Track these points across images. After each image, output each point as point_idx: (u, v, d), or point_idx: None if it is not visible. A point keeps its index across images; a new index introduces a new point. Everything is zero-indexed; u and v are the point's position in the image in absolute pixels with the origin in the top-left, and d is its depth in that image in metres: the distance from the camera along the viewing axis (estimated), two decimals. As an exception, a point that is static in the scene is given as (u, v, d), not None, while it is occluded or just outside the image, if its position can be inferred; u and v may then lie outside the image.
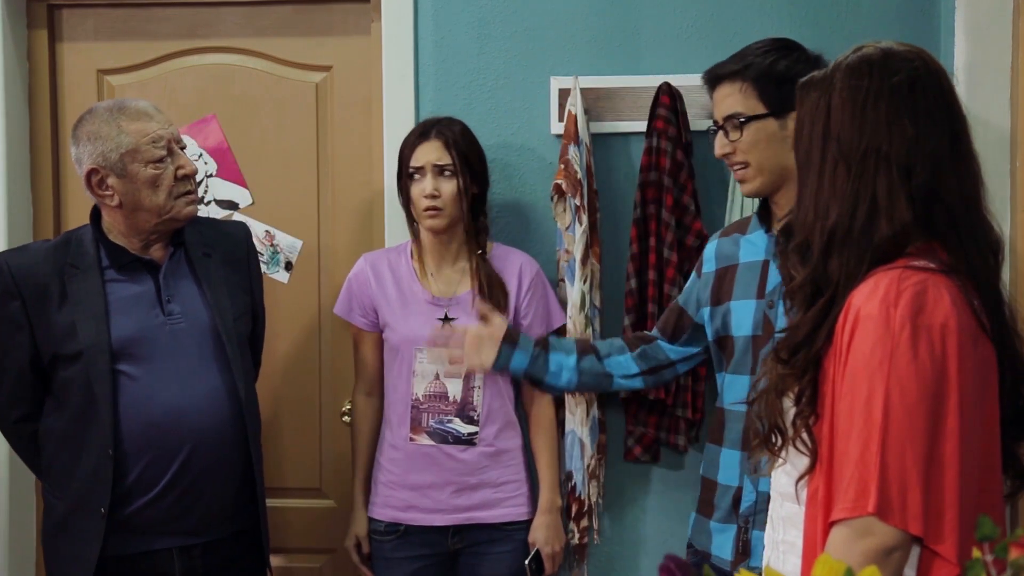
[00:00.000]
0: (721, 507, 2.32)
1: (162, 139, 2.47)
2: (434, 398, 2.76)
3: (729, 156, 2.31)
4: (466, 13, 3.01)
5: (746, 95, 2.28)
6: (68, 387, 2.46)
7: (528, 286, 2.79)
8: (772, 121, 2.27)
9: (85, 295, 2.45)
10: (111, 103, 2.52)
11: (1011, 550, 1.03)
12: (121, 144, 2.44)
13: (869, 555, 1.46)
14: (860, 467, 1.49)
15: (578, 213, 2.82)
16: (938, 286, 1.53)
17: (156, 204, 2.47)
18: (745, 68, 2.29)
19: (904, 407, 1.48)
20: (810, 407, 1.59)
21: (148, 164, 2.45)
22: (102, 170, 2.46)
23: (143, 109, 2.49)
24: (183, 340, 2.49)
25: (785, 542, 1.71)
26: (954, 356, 1.50)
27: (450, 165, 2.73)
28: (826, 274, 1.60)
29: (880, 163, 1.58)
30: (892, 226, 1.56)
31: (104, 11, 3.20)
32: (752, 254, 2.34)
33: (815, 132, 1.63)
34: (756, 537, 2.24)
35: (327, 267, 3.18)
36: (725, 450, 2.33)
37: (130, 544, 2.46)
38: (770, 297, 2.27)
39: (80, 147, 2.49)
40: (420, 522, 2.76)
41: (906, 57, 1.63)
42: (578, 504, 2.86)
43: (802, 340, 1.60)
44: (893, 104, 1.59)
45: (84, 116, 2.52)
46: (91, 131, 2.47)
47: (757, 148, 2.27)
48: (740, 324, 2.32)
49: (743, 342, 2.31)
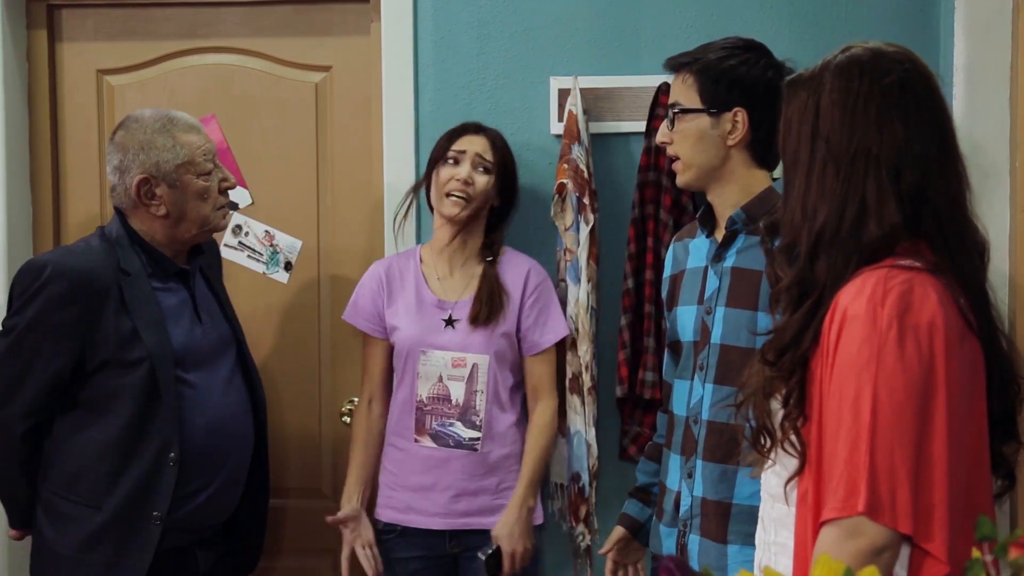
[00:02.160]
0: (667, 510, 2.33)
1: (209, 152, 2.54)
2: (437, 400, 2.75)
3: (667, 146, 2.33)
4: (466, 13, 3.01)
5: (688, 87, 2.29)
6: (118, 395, 2.44)
7: (532, 292, 2.78)
8: (705, 118, 2.26)
9: (142, 302, 2.47)
10: (157, 113, 2.53)
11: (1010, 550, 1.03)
12: (178, 156, 2.48)
13: (859, 555, 1.46)
14: (849, 467, 1.48)
15: (584, 212, 2.82)
16: (924, 285, 1.53)
17: (202, 215, 2.52)
18: (694, 61, 2.29)
19: (892, 406, 1.48)
20: (798, 409, 1.59)
21: (200, 176, 2.51)
22: (153, 180, 2.48)
23: (192, 122, 2.55)
24: (216, 349, 2.58)
25: (776, 543, 1.71)
26: (941, 355, 1.50)
27: (490, 162, 2.76)
28: (813, 275, 1.59)
29: (870, 164, 1.57)
30: (881, 227, 1.56)
31: (104, 11, 3.20)
32: (696, 259, 2.35)
33: (803, 132, 1.63)
34: (692, 541, 2.25)
35: (327, 267, 3.18)
36: (671, 454, 2.33)
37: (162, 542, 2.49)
38: (707, 303, 2.28)
39: (128, 156, 2.48)
40: (418, 524, 2.75)
41: (896, 59, 1.62)
42: (586, 506, 2.85)
43: (789, 342, 1.60)
44: (883, 106, 1.59)
45: (128, 125, 2.52)
46: (143, 141, 2.48)
47: (687, 142, 2.28)
48: (685, 329, 2.33)
49: (687, 347, 2.32)
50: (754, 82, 2.25)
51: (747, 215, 2.26)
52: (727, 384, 2.19)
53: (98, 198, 3.20)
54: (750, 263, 2.23)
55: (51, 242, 3.21)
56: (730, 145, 2.27)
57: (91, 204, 3.21)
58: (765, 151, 2.29)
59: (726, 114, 2.25)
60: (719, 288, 2.27)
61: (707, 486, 2.23)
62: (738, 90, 2.24)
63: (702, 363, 2.27)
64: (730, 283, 2.25)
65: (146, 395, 2.44)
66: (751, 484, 2.14)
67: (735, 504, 2.20)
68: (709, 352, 2.26)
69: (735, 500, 2.21)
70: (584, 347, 2.82)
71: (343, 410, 3.13)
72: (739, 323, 2.22)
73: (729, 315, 2.24)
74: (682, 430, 2.30)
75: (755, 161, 2.29)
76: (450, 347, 2.74)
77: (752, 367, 1.68)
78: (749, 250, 2.25)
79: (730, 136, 2.26)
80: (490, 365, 2.73)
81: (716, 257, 2.29)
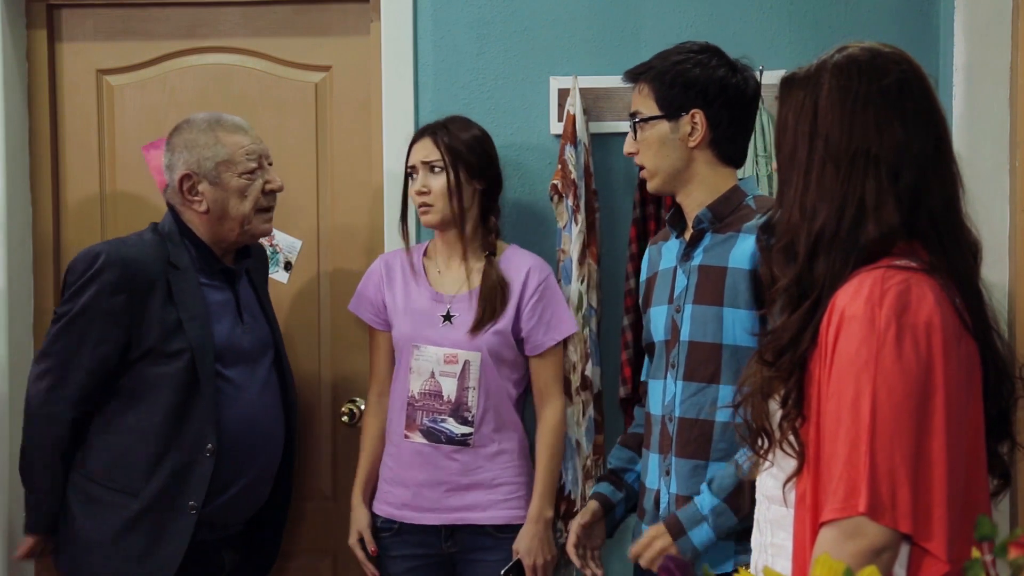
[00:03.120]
0: (647, 509, 2.36)
1: (255, 153, 2.62)
2: (429, 396, 2.75)
3: (633, 155, 2.37)
4: (465, 13, 3.01)
5: (644, 95, 2.34)
6: (160, 384, 2.52)
7: (533, 290, 2.75)
8: (664, 123, 2.31)
9: (188, 296, 2.55)
10: (209, 115, 2.64)
11: (1010, 550, 1.03)
12: (218, 154, 2.58)
13: (859, 555, 1.46)
14: (849, 467, 1.48)
15: (574, 214, 2.82)
16: (921, 285, 1.53)
17: (242, 213, 2.60)
18: (648, 69, 2.34)
19: (891, 406, 1.48)
20: (796, 409, 1.59)
21: (241, 175, 2.59)
22: (195, 176, 2.58)
23: (239, 123, 2.65)
24: (256, 349, 2.66)
25: (773, 545, 1.71)
26: (939, 354, 1.50)
27: (438, 161, 2.74)
28: (812, 276, 1.59)
29: (869, 164, 1.57)
30: (879, 228, 1.56)
31: (103, 11, 3.20)
32: (667, 261, 2.40)
33: (800, 131, 1.62)
34: None
35: (326, 267, 3.18)
36: (650, 454, 2.37)
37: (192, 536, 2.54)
38: (677, 302, 2.33)
39: (175, 154, 2.61)
40: (413, 520, 2.75)
41: (893, 59, 1.63)
42: (567, 504, 2.85)
43: (788, 342, 1.60)
44: (883, 106, 1.59)
45: (181, 126, 2.64)
46: (188, 140, 2.60)
47: (651, 150, 2.33)
48: (657, 329, 2.38)
49: (660, 347, 2.37)
50: (707, 82, 2.30)
51: (713, 214, 2.31)
52: (696, 380, 2.27)
53: (98, 198, 3.21)
54: (716, 260, 2.29)
55: (51, 241, 3.21)
56: (692, 147, 2.31)
57: (91, 203, 3.21)
58: (729, 149, 2.34)
59: (684, 117, 2.30)
60: (687, 286, 2.32)
61: (681, 482, 2.28)
62: (692, 92, 2.29)
63: (673, 361, 2.32)
64: (697, 281, 2.30)
65: (186, 386, 2.51)
66: None
67: None
68: (679, 350, 2.31)
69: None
70: (573, 347, 2.82)
71: (343, 410, 3.13)
72: (705, 319, 2.27)
73: (696, 312, 2.29)
74: (659, 429, 2.34)
75: (719, 160, 2.34)
76: (443, 343, 2.73)
77: (749, 367, 1.68)
78: (715, 248, 2.30)
79: (691, 138, 2.31)
80: (482, 362, 2.72)
81: (684, 256, 2.34)
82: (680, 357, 2.30)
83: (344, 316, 3.08)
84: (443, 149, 2.74)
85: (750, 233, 2.27)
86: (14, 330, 3.15)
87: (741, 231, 2.28)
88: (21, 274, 3.18)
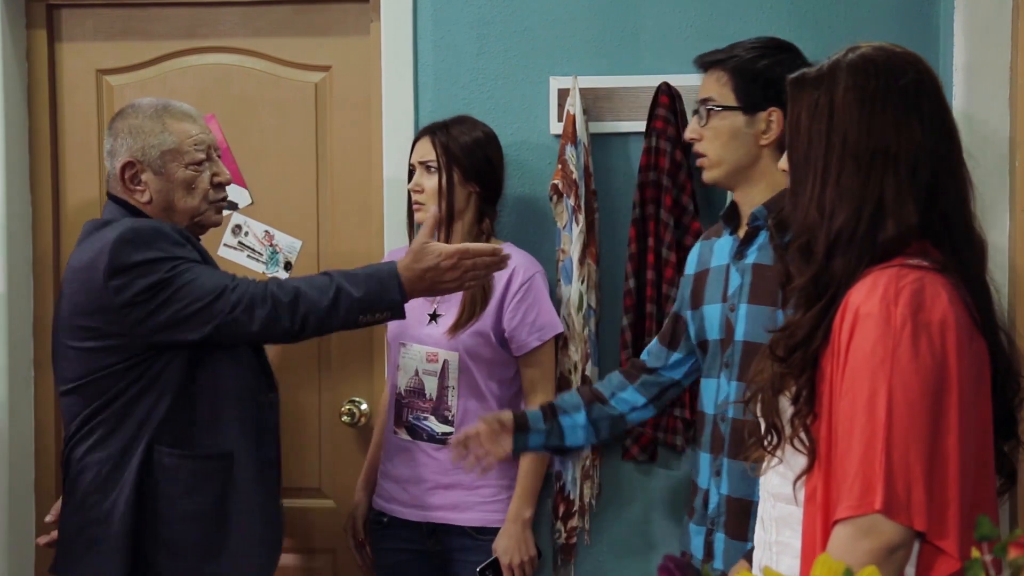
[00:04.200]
0: (696, 508, 2.36)
1: (203, 143, 2.49)
2: (413, 393, 2.77)
3: (696, 142, 2.35)
4: (465, 13, 3.01)
5: (722, 84, 2.31)
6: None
7: (517, 289, 2.73)
8: (740, 115, 2.29)
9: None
10: (155, 101, 2.51)
11: (1010, 550, 1.03)
12: (164, 142, 2.44)
13: (874, 553, 1.46)
14: (864, 465, 1.48)
15: (575, 214, 2.82)
16: (935, 283, 1.54)
17: (190, 207, 2.47)
18: (729, 58, 2.32)
19: (907, 404, 1.48)
20: (808, 406, 1.59)
21: (187, 166, 2.45)
22: (138, 164, 2.43)
23: (187, 111, 2.51)
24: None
25: (779, 543, 1.71)
26: (953, 352, 1.51)
27: (433, 161, 2.74)
28: (829, 274, 1.60)
29: (888, 164, 1.58)
30: (898, 227, 1.57)
31: (103, 11, 3.20)
32: (720, 258, 2.37)
33: (816, 130, 1.63)
34: (718, 540, 2.27)
35: (326, 267, 3.16)
36: (701, 453, 2.36)
37: None
38: (731, 301, 2.31)
39: (118, 140, 2.46)
40: (399, 515, 2.78)
41: (908, 59, 1.64)
42: (565, 504, 2.85)
43: (801, 339, 1.60)
44: (901, 105, 1.60)
45: (125, 110, 2.50)
46: (133, 125, 2.45)
47: (719, 139, 2.30)
48: (711, 328, 2.35)
49: (713, 346, 2.35)
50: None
51: (769, 212, 2.27)
52: None
53: (97, 197, 3.20)
54: (771, 259, 2.24)
55: (50, 241, 3.21)
56: (762, 144, 2.30)
57: (90, 203, 3.20)
58: None
59: (761, 114, 2.28)
60: (741, 285, 2.29)
61: (732, 484, 2.26)
62: (773, 90, 2.25)
63: (727, 361, 2.29)
64: (751, 280, 2.27)
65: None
66: None
67: (755, 503, 2.21)
68: (733, 350, 2.28)
69: (756, 498, 2.21)
70: (574, 347, 2.82)
71: (343, 410, 3.13)
72: (761, 319, 2.23)
73: (751, 312, 2.26)
74: (710, 428, 2.32)
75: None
76: (427, 342, 2.74)
77: (759, 363, 1.68)
78: (771, 246, 2.25)
79: (764, 136, 2.29)
80: (460, 362, 2.71)
81: (738, 254, 2.31)
82: (734, 357, 2.28)
83: (344, 316, 3.08)
84: (439, 150, 2.75)
85: None
86: (14, 332, 3.14)
87: None
88: (21, 274, 3.17)
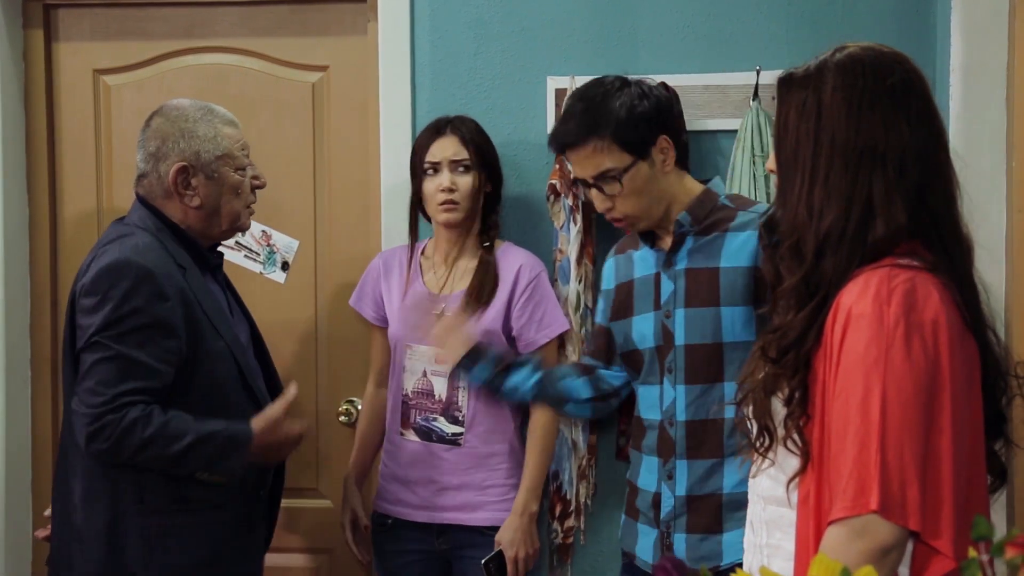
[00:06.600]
0: (642, 511, 2.42)
1: (247, 147, 2.51)
2: (421, 395, 2.76)
3: (610, 211, 2.36)
4: (463, 13, 3.01)
5: (609, 151, 2.32)
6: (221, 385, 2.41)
7: (524, 287, 2.75)
8: (642, 164, 2.33)
9: (204, 293, 2.43)
10: (198, 104, 2.49)
11: (1007, 550, 1.03)
12: (219, 147, 2.44)
13: (868, 554, 1.46)
14: (858, 466, 1.48)
15: (572, 214, 2.83)
16: (926, 283, 1.54)
17: (234, 210, 2.48)
18: (595, 125, 2.31)
19: (900, 404, 1.48)
20: (801, 408, 1.59)
21: (236, 170, 2.47)
22: (191, 169, 2.42)
23: (231, 116, 2.52)
24: (247, 341, 2.56)
25: (769, 545, 1.70)
26: (946, 352, 1.51)
27: (466, 160, 2.74)
28: (819, 274, 1.60)
29: (876, 163, 1.58)
30: (887, 227, 1.57)
31: (100, 11, 3.20)
32: (644, 268, 2.43)
33: (804, 130, 1.62)
34: (678, 539, 2.35)
35: (324, 267, 3.18)
36: (644, 456, 2.41)
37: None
38: (666, 307, 2.36)
39: (168, 143, 2.42)
40: (406, 517, 2.77)
41: (895, 59, 1.64)
42: (562, 504, 2.86)
43: (793, 340, 1.60)
44: (890, 105, 1.59)
45: (168, 113, 2.46)
46: (185, 129, 2.43)
47: (635, 197, 2.33)
48: (643, 337, 2.40)
49: (648, 354, 2.40)
50: (653, 107, 2.33)
51: (692, 217, 2.35)
52: (698, 382, 2.32)
53: (95, 197, 3.20)
54: (704, 262, 2.33)
55: (47, 242, 3.21)
56: (667, 172, 2.35)
57: (88, 203, 3.21)
58: (682, 155, 2.41)
59: (653, 149, 2.33)
60: (675, 291, 2.35)
61: (693, 484, 2.33)
62: (651, 122, 2.32)
63: (669, 366, 2.35)
64: (686, 285, 2.34)
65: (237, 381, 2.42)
66: (737, 473, 2.28)
67: (726, 494, 2.32)
68: (675, 354, 2.35)
69: (725, 491, 2.32)
70: (572, 346, 2.82)
71: (340, 410, 3.13)
72: (702, 321, 2.31)
73: (690, 315, 2.33)
74: (656, 433, 2.38)
75: (681, 169, 2.40)
76: None
77: (750, 364, 1.68)
78: (701, 250, 2.34)
79: (664, 165, 2.34)
80: None
81: (667, 262, 2.37)
82: (678, 361, 2.34)
83: (341, 316, 3.08)
84: (472, 149, 2.75)
85: (740, 231, 2.31)
86: (11, 332, 3.14)
87: (728, 230, 2.33)
88: (18, 274, 3.17)
